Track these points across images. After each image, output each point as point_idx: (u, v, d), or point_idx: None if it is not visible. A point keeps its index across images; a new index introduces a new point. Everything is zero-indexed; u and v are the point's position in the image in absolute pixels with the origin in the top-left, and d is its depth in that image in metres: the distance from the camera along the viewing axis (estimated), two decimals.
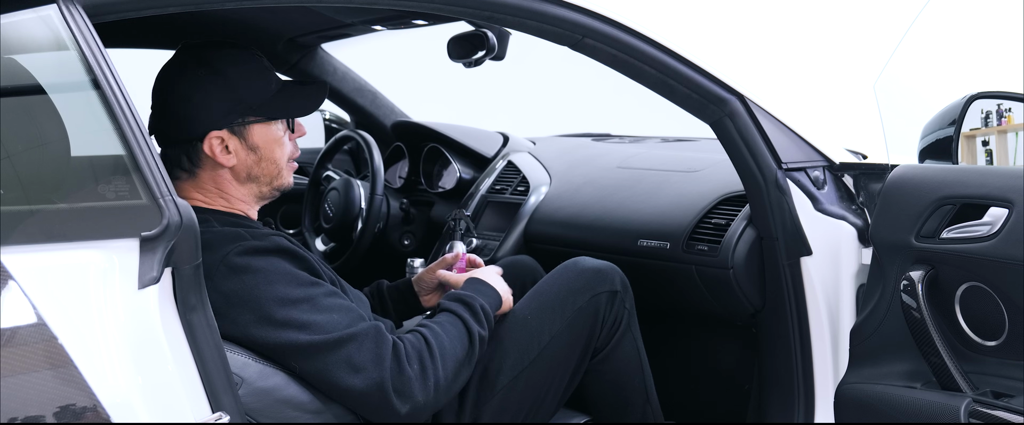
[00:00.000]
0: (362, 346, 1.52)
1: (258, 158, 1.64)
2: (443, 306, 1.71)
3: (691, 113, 1.88)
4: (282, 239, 1.58)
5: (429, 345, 1.59)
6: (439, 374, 1.57)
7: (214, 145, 1.60)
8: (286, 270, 1.54)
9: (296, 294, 1.52)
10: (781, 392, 1.94)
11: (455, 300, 1.71)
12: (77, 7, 1.24)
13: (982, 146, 1.81)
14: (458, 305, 1.70)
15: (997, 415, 1.54)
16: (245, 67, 1.62)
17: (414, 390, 1.54)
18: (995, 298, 1.57)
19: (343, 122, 3.29)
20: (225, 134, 1.61)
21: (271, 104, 1.63)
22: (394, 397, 1.52)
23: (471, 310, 1.69)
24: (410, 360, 1.55)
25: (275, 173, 1.67)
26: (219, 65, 1.60)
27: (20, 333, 1.13)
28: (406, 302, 2.02)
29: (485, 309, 1.71)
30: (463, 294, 1.73)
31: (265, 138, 1.64)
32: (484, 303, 1.72)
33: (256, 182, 1.66)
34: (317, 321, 1.52)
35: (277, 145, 1.65)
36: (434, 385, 1.56)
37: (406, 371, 1.54)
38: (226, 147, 1.61)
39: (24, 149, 1.24)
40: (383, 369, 1.52)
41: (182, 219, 1.23)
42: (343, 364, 1.51)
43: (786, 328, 1.91)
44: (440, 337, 1.61)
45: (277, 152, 1.66)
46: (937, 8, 1.86)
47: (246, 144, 1.62)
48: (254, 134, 1.63)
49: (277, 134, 1.65)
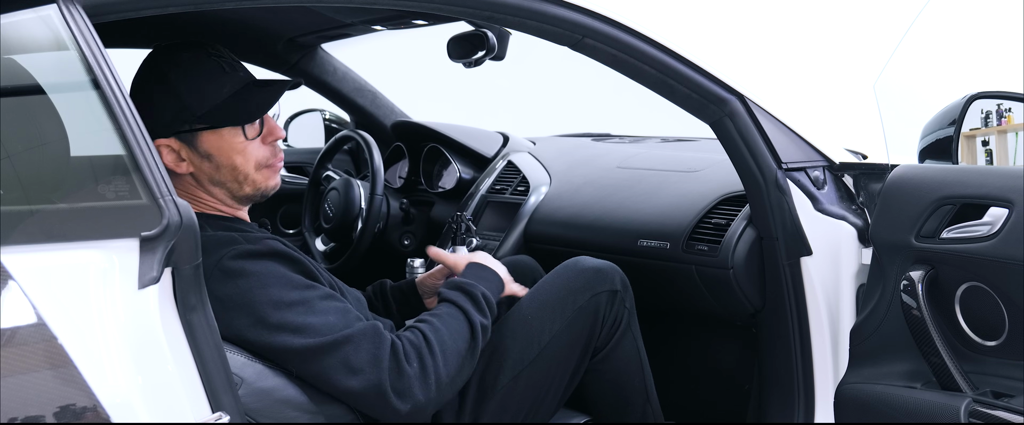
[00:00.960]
0: (359, 347, 1.52)
1: (215, 165, 1.60)
2: (443, 296, 1.69)
3: (691, 113, 1.88)
4: (276, 242, 1.57)
5: (428, 341, 1.58)
6: (440, 371, 1.56)
7: (163, 154, 1.57)
8: (280, 273, 1.53)
9: (291, 297, 1.52)
10: (781, 392, 1.94)
11: (455, 289, 1.69)
12: (77, 7, 1.24)
13: (982, 146, 1.81)
14: (459, 294, 1.68)
15: (997, 415, 1.54)
16: (194, 73, 1.58)
17: (414, 389, 1.53)
18: (995, 298, 1.57)
19: (343, 122, 3.29)
20: (173, 142, 1.58)
21: (219, 111, 1.58)
22: (394, 397, 1.52)
23: (472, 299, 1.67)
24: (409, 359, 1.54)
25: (241, 179, 1.62)
26: (167, 72, 1.57)
27: (20, 333, 1.13)
28: (409, 303, 2.02)
29: (487, 296, 1.69)
30: (463, 282, 1.71)
31: (217, 146, 1.59)
32: (485, 290, 1.70)
33: (223, 187, 1.62)
34: (312, 323, 1.51)
35: (235, 152, 1.60)
36: (436, 382, 1.55)
37: (405, 370, 1.53)
38: (178, 155, 1.58)
39: (24, 149, 1.24)
40: (381, 370, 1.51)
41: (182, 219, 1.23)
42: (340, 366, 1.51)
43: (786, 328, 1.91)
44: (440, 332, 1.60)
45: (237, 159, 1.60)
46: (937, 8, 1.86)
47: (197, 152, 1.59)
48: (204, 142, 1.59)
49: (232, 141, 1.60)
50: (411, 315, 2.03)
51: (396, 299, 2.02)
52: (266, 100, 1.63)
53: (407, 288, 2.02)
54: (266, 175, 1.65)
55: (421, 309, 2.01)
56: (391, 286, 2.04)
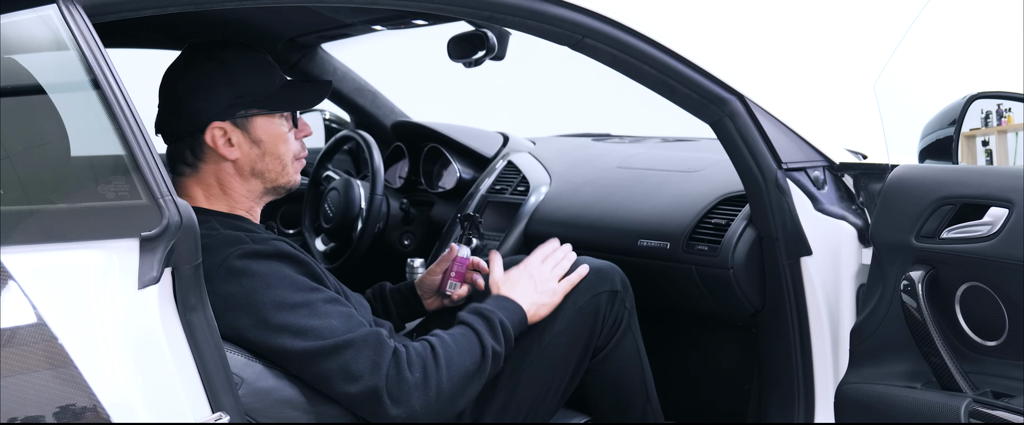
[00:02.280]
0: (359, 353, 1.51)
1: (262, 152, 1.63)
2: (460, 318, 1.68)
3: (691, 113, 1.88)
4: (283, 243, 1.58)
5: (435, 354, 1.57)
6: (443, 383, 1.55)
7: (216, 136, 1.60)
8: (285, 274, 1.53)
9: (294, 299, 1.52)
10: (781, 392, 1.94)
11: (474, 313, 1.68)
12: (77, 7, 1.24)
13: (982, 146, 1.81)
14: (475, 318, 1.67)
15: (997, 415, 1.54)
16: (249, 61, 1.63)
17: (412, 396, 1.52)
18: (995, 298, 1.57)
19: (343, 122, 3.29)
20: (228, 126, 1.60)
21: (274, 97, 1.63)
22: (389, 403, 1.51)
23: (488, 324, 1.66)
24: (412, 367, 1.54)
25: (279, 169, 1.66)
26: (223, 59, 1.61)
27: (20, 333, 1.13)
28: (408, 304, 2.02)
29: (504, 324, 1.67)
30: (483, 307, 1.70)
31: (269, 132, 1.63)
32: (504, 319, 1.68)
33: (260, 178, 1.65)
34: (314, 326, 1.51)
35: (281, 140, 1.65)
36: (436, 393, 1.54)
37: (406, 377, 1.52)
38: (229, 140, 1.61)
39: (24, 149, 1.24)
40: (379, 376, 1.51)
41: (182, 219, 1.23)
42: (339, 371, 1.50)
43: (786, 328, 1.90)
44: (448, 347, 1.59)
45: (281, 148, 1.65)
46: (937, 8, 1.86)
47: (249, 137, 1.62)
48: (257, 127, 1.62)
49: (281, 129, 1.65)
50: (411, 317, 2.03)
51: (395, 301, 2.02)
52: (318, 92, 1.76)
53: (406, 289, 2.02)
54: (296, 169, 1.70)
55: (420, 310, 2.01)
56: (390, 289, 2.03)
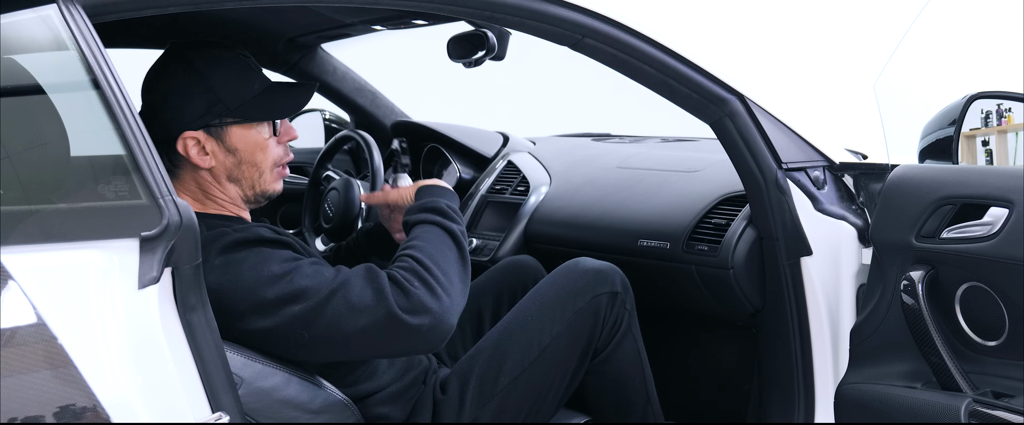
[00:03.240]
0: (357, 288, 1.49)
1: (237, 160, 1.62)
2: (411, 221, 1.67)
3: (691, 113, 1.88)
4: (263, 229, 1.57)
5: (420, 261, 1.55)
6: (443, 281, 1.54)
7: (188, 146, 1.58)
8: (268, 255, 1.53)
9: (281, 269, 1.50)
10: (781, 392, 1.94)
11: (419, 210, 1.68)
12: (77, 7, 1.24)
13: (982, 146, 1.81)
14: (425, 213, 1.66)
15: (997, 415, 1.54)
16: (226, 67, 1.60)
17: (427, 303, 1.50)
18: (995, 298, 1.57)
19: (343, 122, 3.29)
20: (201, 135, 1.59)
21: (250, 106, 1.60)
22: (408, 317, 1.48)
23: (439, 212, 1.66)
24: (411, 282, 1.52)
25: (256, 176, 1.64)
26: (198, 65, 1.59)
27: (20, 333, 1.12)
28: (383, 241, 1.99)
29: (450, 206, 1.68)
30: (424, 202, 1.69)
31: (245, 140, 1.61)
32: (447, 201, 1.69)
33: (238, 184, 1.64)
34: (306, 286, 1.49)
35: (258, 148, 1.63)
36: (445, 292, 1.53)
37: (412, 292, 1.50)
38: (203, 148, 1.59)
39: (24, 149, 1.24)
40: (385, 299, 1.48)
41: (182, 219, 1.23)
42: (345, 310, 1.48)
43: (786, 328, 1.91)
44: (426, 249, 1.58)
45: (259, 155, 1.63)
46: (937, 8, 1.86)
47: (223, 146, 1.61)
48: (232, 136, 1.61)
49: (259, 137, 1.63)
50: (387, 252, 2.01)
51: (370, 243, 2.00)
52: (297, 99, 1.68)
53: (375, 230, 2.01)
54: (276, 175, 1.67)
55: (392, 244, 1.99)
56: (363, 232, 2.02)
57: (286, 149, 1.68)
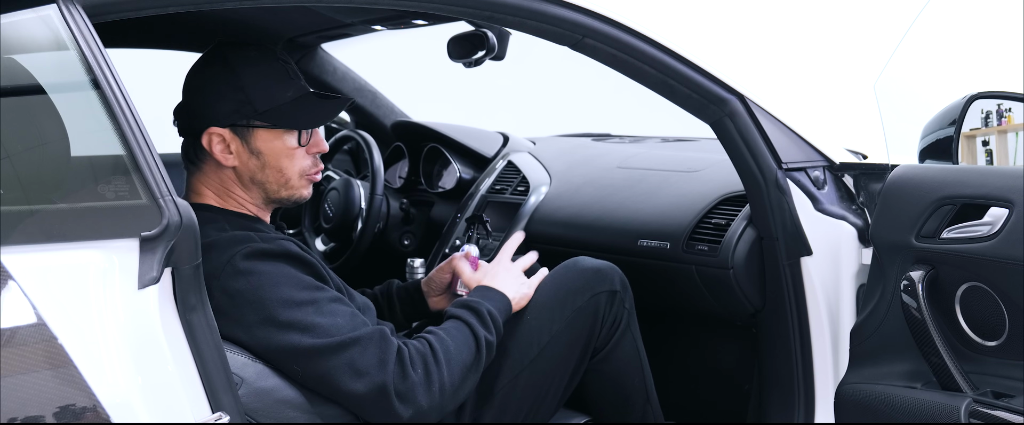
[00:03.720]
0: (366, 350, 1.52)
1: (261, 164, 1.62)
2: (449, 313, 1.70)
3: (691, 113, 1.88)
4: (290, 244, 1.58)
5: (434, 350, 1.58)
6: (444, 379, 1.56)
7: (213, 142, 1.59)
8: (291, 274, 1.54)
9: (300, 297, 1.52)
10: (781, 392, 1.93)
11: (462, 306, 1.70)
12: (77, 7, 1.24)
13: (982, 146, 1.81)
14: (465, 311, 1.69)
15: (997, 415, 1.54)
16: (262, 70, 1.60)
17: (418, 395, 1.53)
18: (995, 298, 1.57)
19: (343, 122, 3.29)
20: (227, 133, 1.60)
21: (280, 111, 1.60)
22: (396, 401, 1.52)
23: (478, 315, 1.68)
24: (414, 365, 1.55)
25: (281, 183, 1.64)
26: (235, 63, 1.59)
27: (20, 333, 1.13)
28: (413, 304, 2.02)
29: (493, 314, 1.70)
30: (470, 300, 1.72)
31: (270, 145, 1.62)
32: (492, 308, 1.70)
33: (261, 188, 1.65)
34: (321, 324, 1.51)
35: (284, 155, 1.62)
36: (439, 390, 1.56)
37: (410, 376, 1.53)
38: (228, 147, 1.60)
39: (24, 149, 1.24)
40: (386, 373, 1.51)
41: (182, 219, 1.23)
42: (346, 368, 1.51)
43: (786, 328, 1.90)
44: (445, 342, 1.60)
45: (284, 163, 1.63)
46: (937, 8, 1.86)
47: (248, 147, 1.61)
48: (258, 139, 1.61)
49: (286, 144, 1.62)
50: (416, 316, 2.03)
51: (401, 299, 2.02)
52: (328, 111, 1.68)
53: (412, 288, 2.02)
54: (304, 184, 1.67)
55: (425, 310, 2.01)
56: (397, 286, 2.03)
57: (315, 160, 1.68)
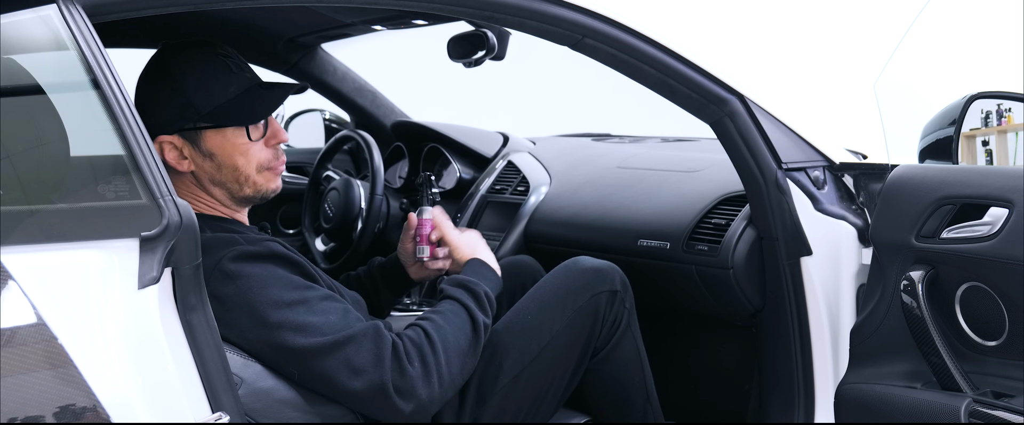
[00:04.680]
0: (361, 347, 1.51)
1: (216, 165, 1.60)
2: (446, 293, 1.69)
3: (691, 113, 1.88)
4: (275, 244, 1.57)
5: (430, 340, 1.57)
6: (442, 369, 1.56)
7: (165, 150, 1.58)
8: (280, 275, 1.53)
9: (290, 297, 1.51)
10: (781, 392, 1.93)
11: (459, 286, 1.69)
12: (77, 7, 1.24)
13: (982, 146, 1.81)
14: (462, 292, 1.68)
15: (997, 415, 1.53)
16: (201, 71, 1.58)
17: (417, 388, 1.53)
18: (995, 298, 1.57)
19: (343, 122, 3.30)
20: (177, 140, 1.58)
21: (223, 110, 1.58)
22: (396, 397, 1.51)
23: (475, 297, 1.67)
24: (411, 358, 1.54)
25: (242, 180, 1.62)
26: (173, 69, 1.58)
27: (20, 333, 1.12)
28: (396, 277, 2.00)
29: (488, 295, 1.70)
30: (466, 280, 1.71)
31: (220, 145, 1.60)
32: (487, 289, 1.70)
33: (223, 187, 1.63)
34: (313, 322, 1.50)
35: (237, 152, 1.60)
36: (438, 380, 1.55)
37: (407, 370, 1.53)
38: (181, 153, 1.59)
39: (24, 149, 1.24)
40: (383, 370, 1.51)
41: (182, 219, 1.23)
42: (342, 367, 1.50)
43: (786, 328, 1.90)
44: (442, 330, 1.60)
45: (239, 160, 1.61)
46: (937, 8, 1.85)
47: (199, 151, 1.59)
48: (207, 141, 1.59)
49: (235, 141, 1.60)
50: (401, 290, 2.02)
51: (383, 276, 2.01)
52: (270, 102, 1.64)
53: (391, 263, 2.01)
54: (267, 177, 1.65)
55: (407, 280, 2.00)
56: (378, 264, 2.02)
57: (276, 151, 1.66)
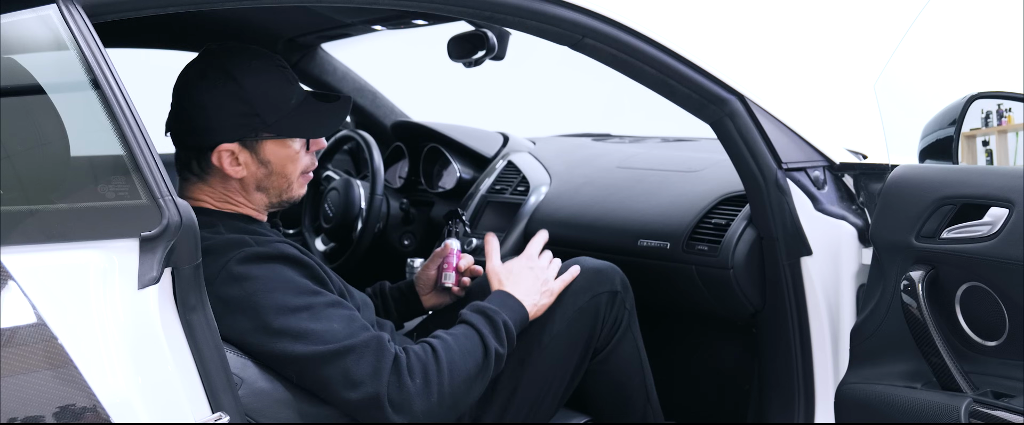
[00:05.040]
0: (361, 359, 1.50)
1: (268, 172, 1.61)
2: (463, 318, 1.66)
3: (691, 113, 1.88)
4: (286, 245, 1.57)
5: (437, 357, 1.55)
6: (445, 388, 1.54)
7: (223, 157, 1.58)
8: (287, 278, 1.52)
9: (295, 303, 1.50)
10: (781, 392, 1.94)
11: (477, 312, 1.67)
12: (77, 7, 1.24)
13: (982, 146, 1.81)
14: (479, 318, 1.65)
15: (997, 415, 1.53)
16: (265, 79, 1.58)
17: (414, 403, 1.51)
18: (995, 298, 1.57)
19: (343, 122, 3.29)
20: (236, 147, 1.58)
21: (287, 121, 1.59)
22: (391, 410, 1.50)
23: (492, 324, 1.64)
24: (412, 373, 1.52)
25: (285, 186, 1.64)
26: (238, 76, 1.56)
27: (20, 333, 1.12)
28: (407, 302, 2.01)
29: (507, 325, 1.66)
30: (487, 307, 1.68)
31: (278, 154, 1.61)
32: (507, 319, 1.66)
33: (265, 193, 1.64)
34: (315, 330, 1.49)
35: (290, 161, 1.62)
36: (438, 399, 1.53)
37: (407, 385, 1.51)
38: (236, 159, 1.59)
39: (24, 149, 1.24)
40: (380, 383, 1.49)
41: (182, 219, 1.23)
42: (340, 377, 1.49)
43: (786, 328, 1.90)
44: (451, 350, 1.57)
45: (289, 167, 1.63)
46: (937, 8, 1.85)
47: (257, 158, 1.60)
48: (266, 150, 1.60)
49: (292, 150, 1.62)
50: (410, 315, 2.03)
51: (395, 299, 2.01)
52: (336, 115, 1.68)
53: (405, 288, 2.02)
54: (301, 183, 1.67)
55: (420, 308, 2.01)
56: (389, 287, 2.03)
57: (313, 157, 1.68)
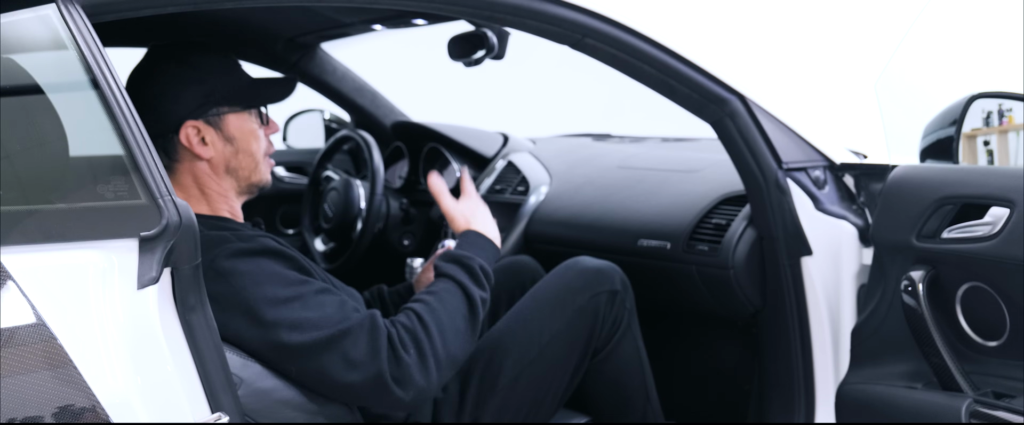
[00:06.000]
0: (357, 340, 1.50)
1: (235, 150, 1.64)
2: (440, 270, 1.66)
3: (691, 113, 1.88)
4: (268, 240, 1.57)
5: (424, 323, 1.56)
6: (439, 352, 1.54)
7: (190, 135, 1.60)
8: (273, 270, 1.53)
9: (285, 293, 1.51)
10: (782, 392, 1.93)
11: (452, 261, 1.67)
12: (76, 7, 1.24)
13: (983, 146, 1.81)
14: (456, 268, 1.66)
15: (998, 415, 1.53)
16: (216, 61, 1.64)
17: (414, 376, 1.51)
18: (996, 298, 1.57)
19: (343, 122, 3.30)
20: (201, 124, 1.61)
21: (243, 94, 1.65)
22: (394, 386, 1.50)
23: (470, 272, 1.65)
24: (405, 346, 1.53)
25: (252, 166, 1.67)
26: (190, 59, 1.62)
27: (20, 333, 1.12)
28: None
29: (484, 269, 1.67)
30: (460, 255, 1.68)
31: (241, 129, 1.65)
32: (483, 262, 1.68)
33: (234, 176, 1.66)
34: (308, 318, 1.50)
35: (253, 137, 1.66)
36: (435, 365, 1.54)
37: (403, 359, 1.51)
38: (202, 138, 1.62)
39: (24, 149, 1.24)
40: (380, 361, 1.49)
41: (181, 219, 1.23)
42: (339, 361, 1.49)
43: (787, 328, 1.90)
44: (436, 311, 1.58)
45: (253, 145, 1.66)
46: (937, 8, 1.85)
47: (222, 135, 1.63)
48: (229, 124, 1.63)
49: (252, 126, 1.66)
50: None
51: (394, 303, 2.01)
52: (283, 88, 1.73)
53: (404, 291, 2.01)
54: (267, 166, 1.71)
55: None
56: (388, 291, 2.02)
57: (270, 142, 1.72)
